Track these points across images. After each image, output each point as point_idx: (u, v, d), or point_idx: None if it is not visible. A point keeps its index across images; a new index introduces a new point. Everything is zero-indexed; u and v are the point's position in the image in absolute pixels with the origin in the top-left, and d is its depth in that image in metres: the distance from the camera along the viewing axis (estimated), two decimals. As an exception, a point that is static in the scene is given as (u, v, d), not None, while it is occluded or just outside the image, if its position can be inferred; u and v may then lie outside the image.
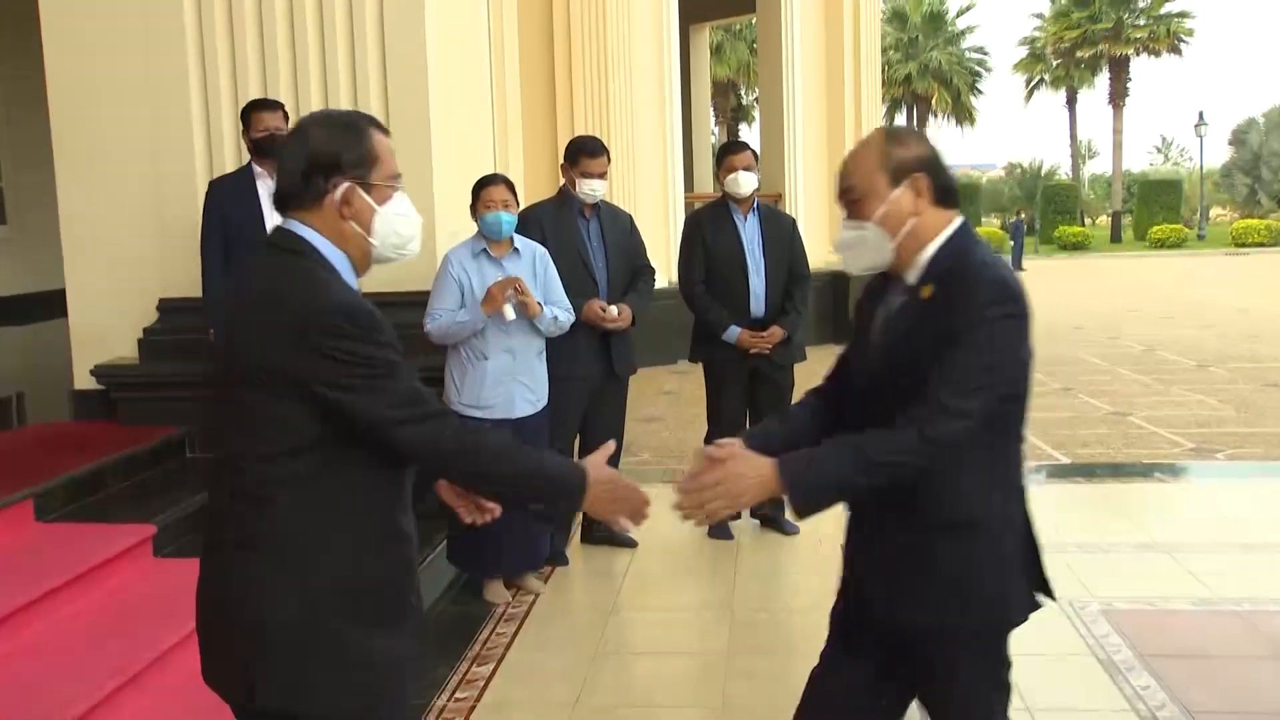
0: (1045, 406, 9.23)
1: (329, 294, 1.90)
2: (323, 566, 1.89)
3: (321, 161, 1.95)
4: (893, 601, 2.24)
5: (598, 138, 5.33)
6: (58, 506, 4.26)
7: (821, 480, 2.09)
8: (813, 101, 14.23)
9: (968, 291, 2.08)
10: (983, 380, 2.05)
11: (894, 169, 2.16)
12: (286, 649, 1.88)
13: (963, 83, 51.99)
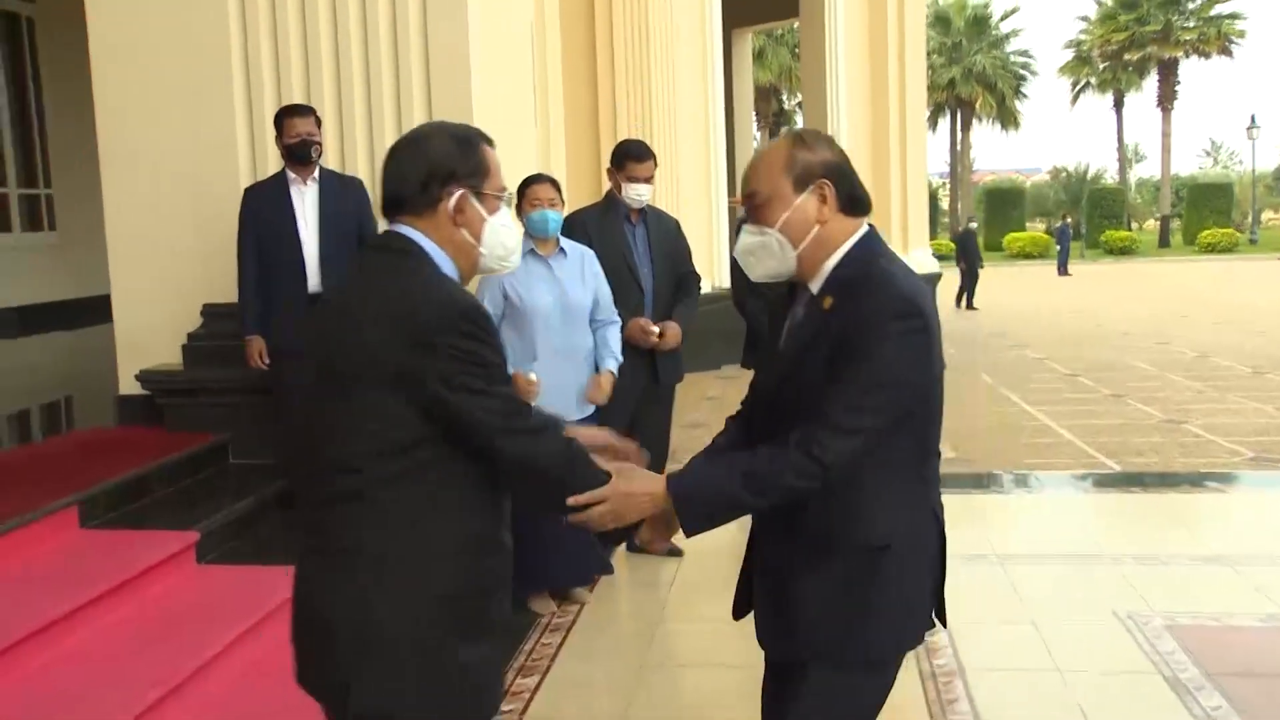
0: (1095, 414, 9.05)
1: (449, 292, 1.93)
2: (421, 574, 1.89)
3: (438, 169, 1.98)
4: (774, 630, 2.18)
5: (644, 142, 5.25)
6: (101, 513, 4.25)
7: (711, 501, 2.03)
8: (856, 106, 14.11)
9: (868, 303, 2.00)
10: (877, 398, 1.96)
11: (799, 174, 2.08)
12: (383, 656, 1.88)
13: (1007, 86, 51.50)
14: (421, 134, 2.06)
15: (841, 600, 2.05)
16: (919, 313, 1.99)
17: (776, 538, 2.14)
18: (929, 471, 2.13)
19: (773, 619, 2.16)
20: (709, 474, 2.06)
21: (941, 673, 4.00)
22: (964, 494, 6.63)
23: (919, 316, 1.99)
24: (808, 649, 2.10)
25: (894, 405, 1.98)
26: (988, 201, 49.52)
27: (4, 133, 11.25)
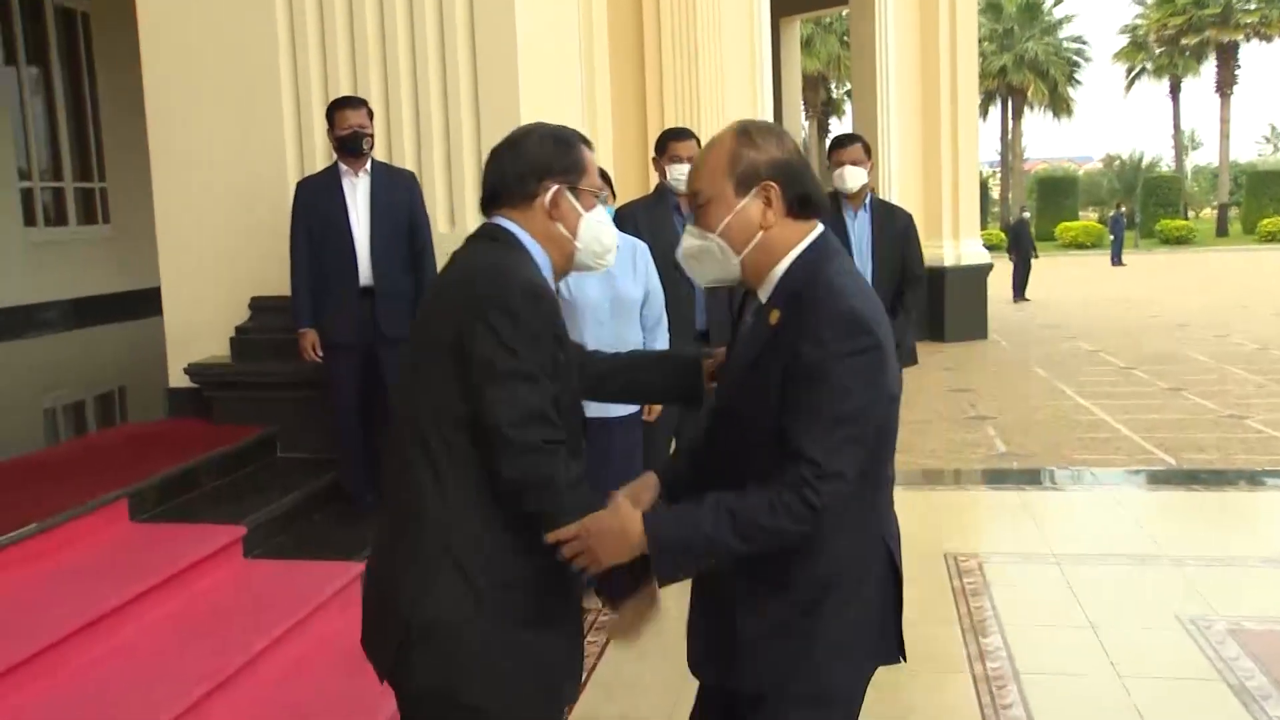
0: (1152, 408, 8.86)
1: (515, 270, 1.94)
2: (483, 556, 1.90)
3: (536, 164, 2.04)
4: (704, 659, 2.06)
5: (686, 127, 5.21)
6: (151, 506, 4.26)
7: (691, 544, 1.85)
8: (906, 95, 13.92)
9: (816, 322, 1.85)
10: (850, 432, 1.82)
11: (742, 174, 1.94)
12: (442, 638, 1.89)
13: (1060, 73, 50.70)
14: (521, 133, 2.11)
15: (789, 632, 1.94)
16: (869, 330, 1.86)
17: (714, 574, 2.01)
18: (880, 498, 2.01)
19: (713, 647, 2.04)
20: (690, 517, 1.86)
21: (995, 676, 3.92)
22: (1017, 490, 6.52)
23: (869, 334, 1.85)
24: (752, 681, 1.98)
25: (866, 436, 1.86)
26: (1039, 190, 48.85)
27: (60, 127, 11.41)
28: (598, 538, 1.87)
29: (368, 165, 4.76)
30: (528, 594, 1.93)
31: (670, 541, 1.85)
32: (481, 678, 1.90)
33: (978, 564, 5.14)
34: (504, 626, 1.91)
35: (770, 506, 1.82)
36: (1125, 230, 33.50)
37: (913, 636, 4.24)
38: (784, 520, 1.81)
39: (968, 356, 12.30)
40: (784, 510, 1.81)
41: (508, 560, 1.92)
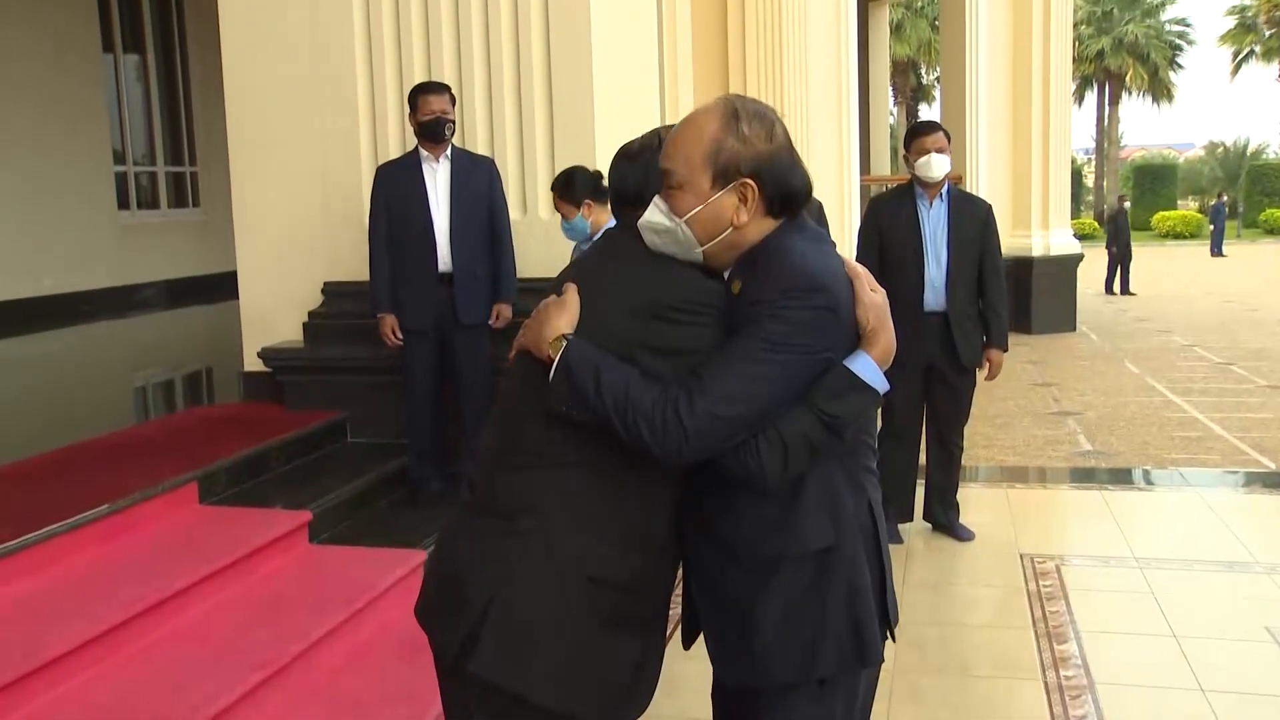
0: (1249, 406, 8.51)
1: (676, 268, 1.88)
2: (574, 554, 1.84)
3: None
4: (727, 662, 1.97)
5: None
6: (220, 490, 4.32)
7: (582, 380, 1.77)
8: (997, 80, 13.56)
9: (766, 279, 1.79)
10: (757, 370, 1.73)
11: (721, 168, 1.83)
12: (516, 630, 1.83)
13: (1161, 57, 49.03)
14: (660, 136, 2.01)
15: (796, 616, 1.87)
16: (822, 288, 1.78)
17: (710, 559, 1.95)
18: (857, 470, 1.92)
19: (723, 646, 1.96)
20: (603, 361, 1.80)
21: (1069, 686, 3.77)
22: (1100, 490, 6.30)
23: (822, 292, 1.77)
24: (770, 674, 1.90)
25: (773, 390, 1.76)
26: (1136, 179, 47.43)
27: (154, 112, 11.70)
28: (536, 313, 1.89)
29: (448, 151, 4.74)
30: (615, 594, 1.87)
31: (574, 363, 1.80)
32: (553, 675, 1.84)
33: (1055, 566, 4.97)
34: (583, 624, 1.84)
35: (651, 405, 1.74)
36: (1227, 220, 32.34)
37: (983, 640, 4.18)
38: (645, 427, 1.74)
39: (1054, 349, 11.96)
40: (658, 418, 1.73)
41: (600, 556, 1.85)
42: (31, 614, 3.21)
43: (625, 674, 1.93)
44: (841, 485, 1.89)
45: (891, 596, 1.97)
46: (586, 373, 1.78)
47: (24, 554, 3.43)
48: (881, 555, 1.94)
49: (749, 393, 1.75)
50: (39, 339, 8.98)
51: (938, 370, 5.16)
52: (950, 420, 5.30)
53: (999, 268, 5.20)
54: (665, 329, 1.82)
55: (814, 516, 1.86)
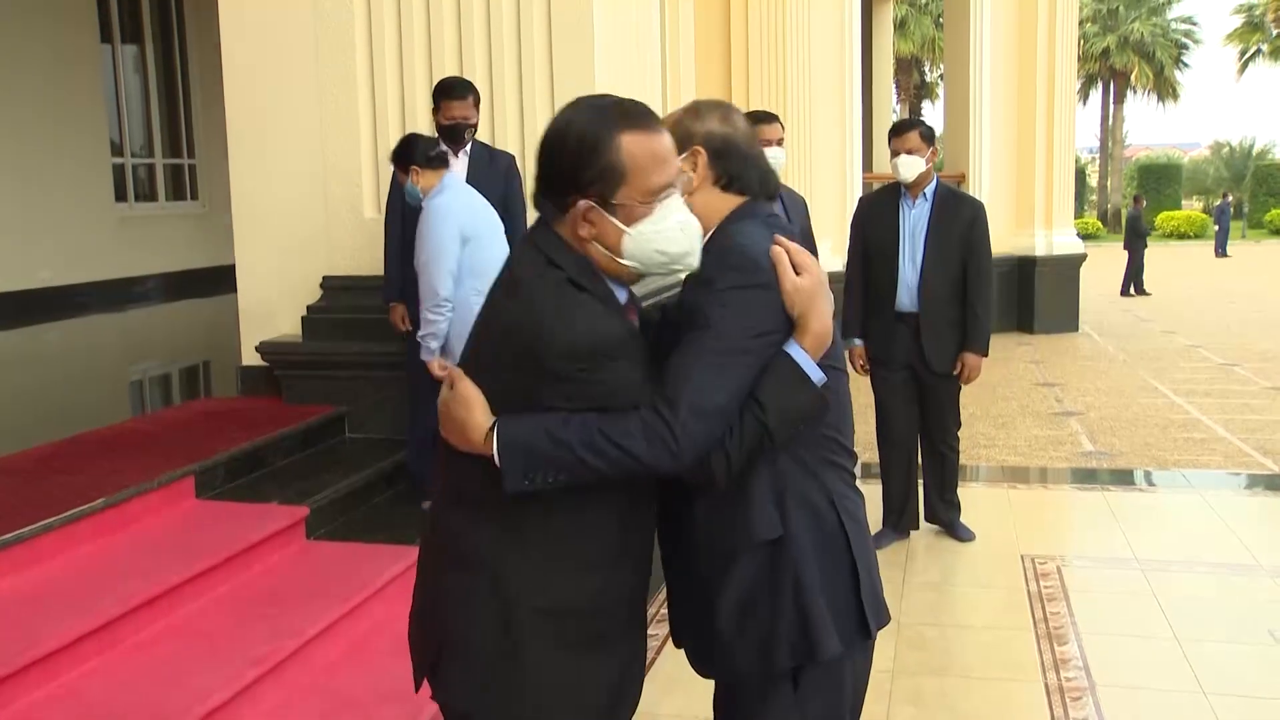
0: (1252, 408, 8.48)
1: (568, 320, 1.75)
2: (518, 588, 1.80)
3: (562, 174, 1.80)
4: (695, 651, 2.00)
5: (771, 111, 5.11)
6: (217, 484, 4.30)
7: (535, 450, 1.71)
8: (1001, 78, 13.52)
9: (710, 263, 1.83)
10: (720, 360, 1.74)
11: (678, 140, 1.90)
12: (471, 665, 1.83)
13: (1166, 56, 48.88)
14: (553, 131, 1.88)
15: (750, 609, 1.87)
16: (762, 270, 1.80)
17: (679, 555, 1.97)
18: (821, 452, 1.91)
19: (694, 640, 1.99)
20: (541, 421, 1.73)
21: (1070, 687, 3.75)
22: (1102, 491, 6.27)
23: (760, 271, 1.79)
24: (731, 667, 1.93)
25: (743, 374, 1.76)
26: (1140, 178, 47.32)
27: (153, 104, 11.66)
28: (442, 415, 1.82)
29: (468, 147, 4.73)
30: (576, 619, 1.82)
31: (515, 445, 1.73)
32: (516, 707, 1.81)
33: (1056, 567, 4.95)
34: (545, 652, 1.80)
35: (625, 424, 1.72)
36: (1232, 220, 32.28)
37: (984, 641, 4.15)
38: (638, 442, 1.71)
39: (1056, 349, 11.93)
40: (639, 430, 1.71)
41: (550, 586, 1.80)
42: (27, 608, 3.19)
43: (604, 695, 1.89)
44: (793, 476, 1.88)
45: (871, 594, 1.93)
46: (534, 437, 1.73)
47: (20, 547, 3.41)
48: (851, 549, 1.91)
49: (722, 383, 1.75)
50: (36, 332, 8.96)
51: (916, 372, 5.12)
52: (936, 422, 5.24)
53: (984, 270, 5.08)
54: (565, 388, 1.74)
55: (761, 508, 1.86)
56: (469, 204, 4.27)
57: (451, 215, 4.17)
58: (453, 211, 4.18)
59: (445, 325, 4.20)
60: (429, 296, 4.18)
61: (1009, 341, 12.17)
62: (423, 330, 4.25)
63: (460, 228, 4.17)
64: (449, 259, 4.14)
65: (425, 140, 4.41)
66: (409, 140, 4.41)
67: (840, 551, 1.90)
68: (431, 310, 4.18)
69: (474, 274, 4.15)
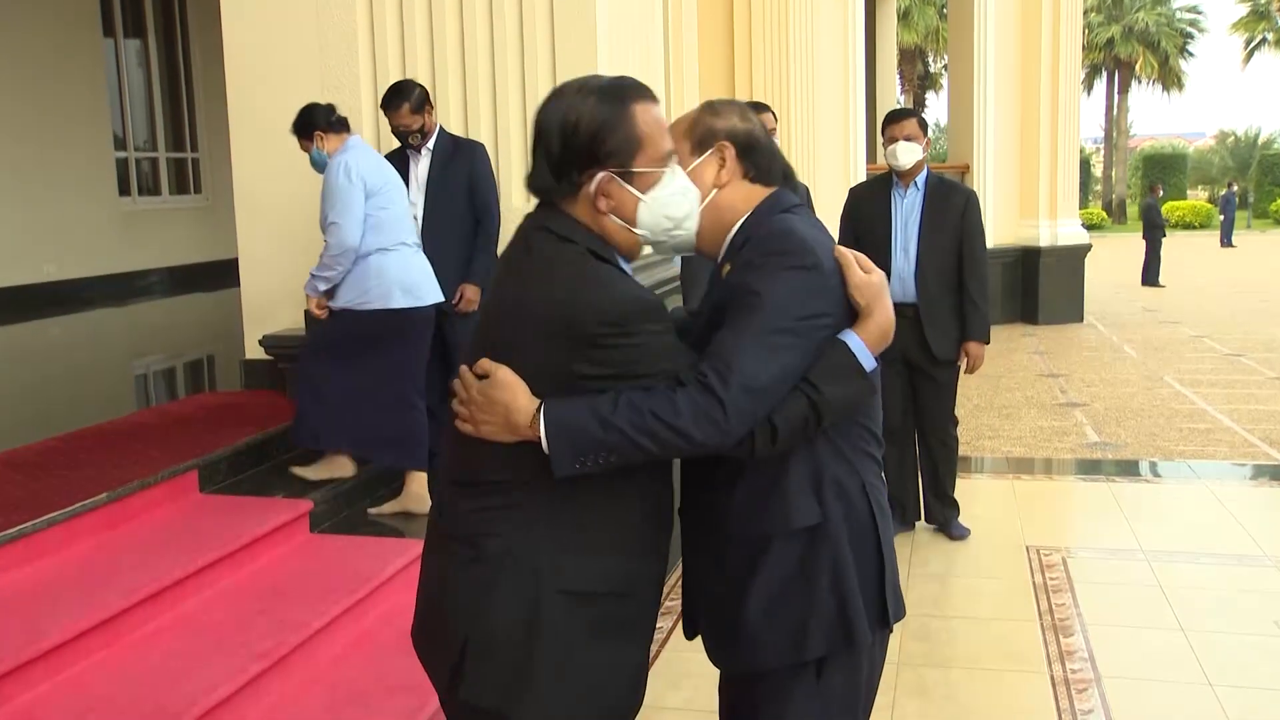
0: (1258, 398, 8.46)
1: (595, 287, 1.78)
2: (549, 568, 1.79)
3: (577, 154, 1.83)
4: (720, 648, 1.98)
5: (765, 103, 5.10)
6: (221, 478, 4.29)
7: (585, 432, 1.71)
8: (1006, 68, 13.48)
9: (756, 249, 1.86)
10: (773, 340, 1.75)
11: (700, 137, 1.97)
12: (499, 658, 1.79)
13: (1171, 45, 48.71)
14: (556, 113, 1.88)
15: (783, 598, 1.87)
16: (811, 252, 1.82)
17: (702, 543, 1.96)
18: (858, 442, 1.92)
19: (716, 634, 1.98)
20: (589, 402, 1.72)
21: (1076, 680, 3.75)
22: (1107, 482, 6.27)
23: (811, 255, 1.82)
24: (760, 658, 1.91)
25: (792, 354, 1.77)
26: (1145, 168, 47.20)
27: (155, 98, 11.65)
28: (481, 407, 1.78)
29: (430, 142, 4.80)
30: (598, 602, 1.81)
31: (563, 426, 1.72)
32: (545, 695, 1.79)
33: (1061, 559, 4.94)
34: (570, 640, 1.79)
35: (674, 404, 1.71)
36: (1237, 210, 32.17)
37: (989, 633, 4.14)
38: (689, 421, 1.71)
39: (1061, 340, 11.91)
40: (689, 408, 1.71)
41: (571, 568, 1.79)
42: (31, 602, 3.19)
43: (625, 681, 1.89)
44: (830, 463, 1.88)
45: (892, 586, 1.94)
46: (582, 419, 1.72)
47: (24, 542, 3.40)
48: (879, 540, 1.92)
49: (773, 362, 1.75)
50: (40, 326, 8.97)
51: (914, 364, 5.07)
52: (935, 415, 5.20)
53: (979, 258, 5.05)
54: (598, 354, 1.74)
55: (799, 495, 1.86)
56: (371, 162, 4.37)
57: (355, 170, 4.27)
58: (356, 166, 4.28)
59: (339, 275, 4.30)
60: (337, 248, 4.24)
61: (1013, 332, 12.15)
62: (319, 270, 4.32)
63: (365, 183, 4.27)
64: (358, 210, 4.24)
65: (323, 107, 4.51)
66: (308, 109, 4.51)
67: (869, 541, 1.91)
68: (338, 260, 4.26)
69: (374, 228, 4.27)
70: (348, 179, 4.23)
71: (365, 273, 4.28)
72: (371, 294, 4.27)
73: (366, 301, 4.28)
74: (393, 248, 4.30)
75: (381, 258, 4.29)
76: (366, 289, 4.27)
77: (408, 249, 4.37)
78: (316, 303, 4.37)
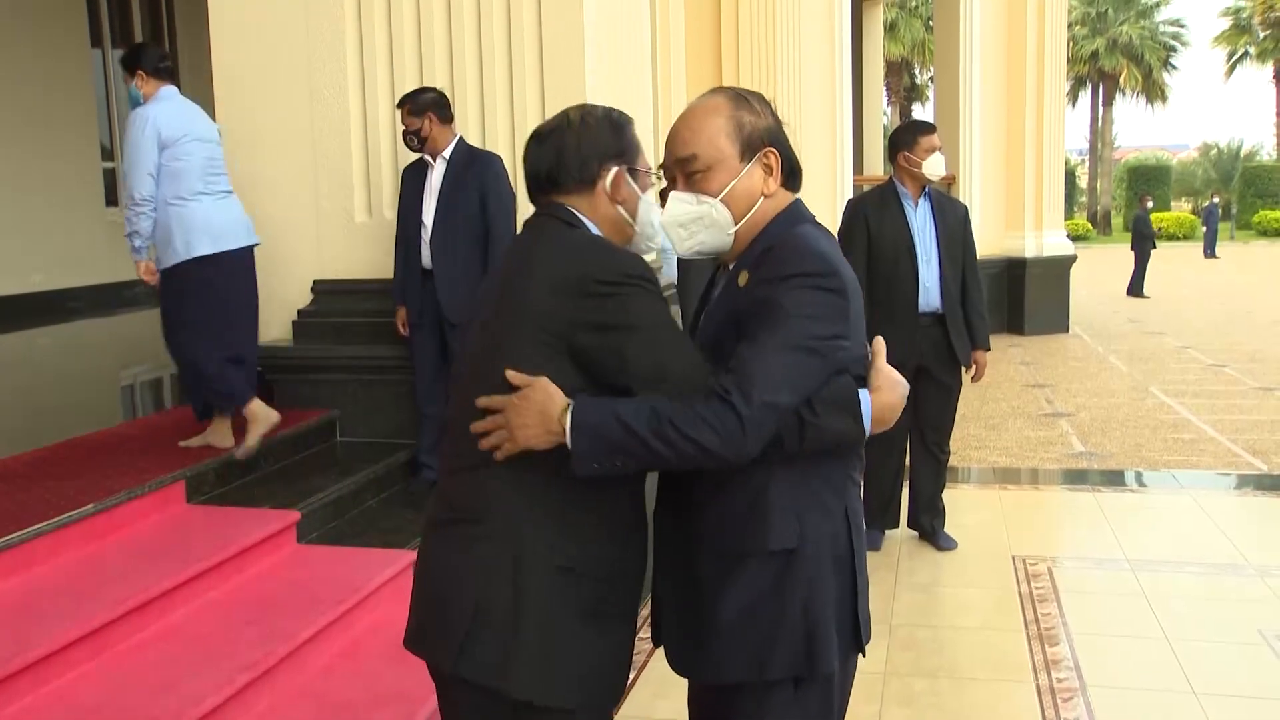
0: (1241, 408, 8.51)
1: (593, 245, 1.91)
2: (545, 547, 1.84)
3: (597, 147, 1.99)
4: (681, 653, 1.95)
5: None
6: (208, 489, 4.28)
7: (608, 430, 1.74)
8: (991, 81, 13.57)
9: (777, 264, 1.81)
10: (795, 358, 1.74)
11: (746, 139, 1.89)
12: (500, 632, 1.84)
13: (1155, 58, 49.09)
14: (576, 115, 2.04)
15: (754, 615, 1.84)
16: (833, 272, 1.80)
17: (676, 552, 1.94)
18: (845, 468, 1.91)
19: (681, 641, 1.95)
20: (614, 405, 1.76)
21: (1061, 688, 3.77)
22: (1093, 492, 6.30)
23: (835, 276, 1.80)
24: (723, 671, 1.89)
25: (813, 369, 1.77)
26: (1129, 180, 47.54)
27: (143, 108, 11.62)
28: (518, 411, 1.79)
29: (447, 152, 4.80)
30: (592, 584, 1.87)
31: (587, 427, 1.75)
32: (541, 671, 1.84)
33: (1047, 568, 4.97)
34: (565, 618, 1.84)
35: (695, 415, 1.72)
36: (1220, 221, 32.38)
37: (976, 642, 4.16)
38: (706, 432, 1.72)
39: (1046, 350, 11.97)
40: (709, 420, 1.72)
41: (569, 546, 1.85)
42: (18, 613, 3.18)
43: (611, 665, 1.94)
44: (818, 489, 1.87)
45: (865, 610, 1.94)
46: (606, 422, 1.75)
47: (10, 552, 3.39)
48: (855, 565, 1.90)
49: (793, 376, 1.76)
50: (27, 336, 8.93)
51: (928, 372, 5.10)
52: (939, 424, 5.25)
53: (978, 269, 5.24)
54: (594, 304, 1.82)
55: (780, 516, 1.84)
56: (176, 113, 4.47)
57: (151, 122, 4.37)
58: (153, 118, 4.38)
59: (148, 225, 4.40)
60: (128, 199, 4.41)
61: (1000, 343, 12.20)
62: (127, 229, 4.45)
63: (160, 133, 4.37)
64: (148, 162, 4.36)
65: (155, 51, 4.64)
66: (141, 47, 4.67)
67: (846, 567, 1.89)
68: (131, 210, 4.39)
69: (171, 178, 4.39)
70: (141, 132, 4.38)
71: (168, 227, 4.42)
72: (177, 246, 4.41)
73: (176, 255, 4.41)
74: (190, 198, 4.43)
75: (180, 209, 4.41)
76: (171, 242, 4.40)
77: (209, 198, 4.49)
78: (145, 268, 4.52)
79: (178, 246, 4.39)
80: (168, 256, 4.43)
